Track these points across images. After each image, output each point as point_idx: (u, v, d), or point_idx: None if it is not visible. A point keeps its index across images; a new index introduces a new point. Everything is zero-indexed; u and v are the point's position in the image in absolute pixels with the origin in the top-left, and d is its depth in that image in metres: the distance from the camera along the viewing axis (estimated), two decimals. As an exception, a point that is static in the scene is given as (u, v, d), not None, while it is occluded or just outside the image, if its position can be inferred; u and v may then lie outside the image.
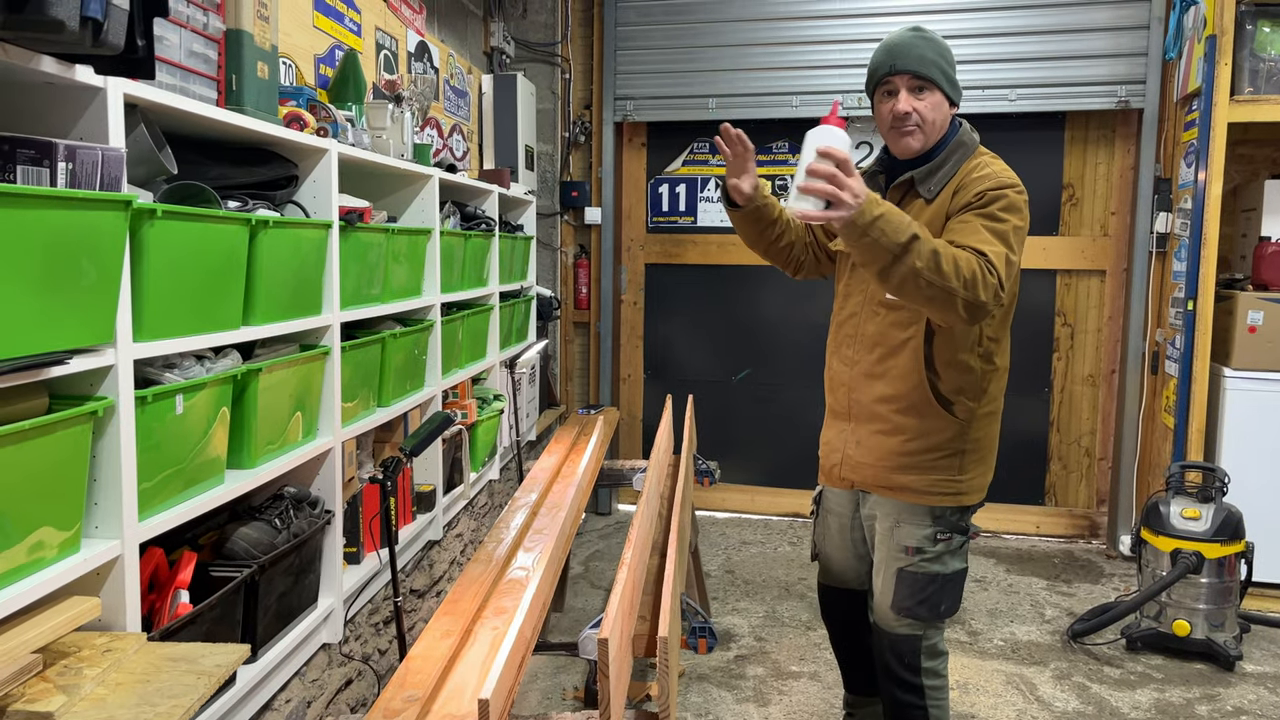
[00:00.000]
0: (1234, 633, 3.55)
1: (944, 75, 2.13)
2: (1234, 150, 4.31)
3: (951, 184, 2.12)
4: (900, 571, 2.23)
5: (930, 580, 2.22)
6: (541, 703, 3.20)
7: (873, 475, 2.27)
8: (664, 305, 5.46)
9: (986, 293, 1.88)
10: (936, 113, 2.13)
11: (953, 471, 2.23)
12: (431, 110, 3.96)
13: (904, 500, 2.24)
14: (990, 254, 1.92)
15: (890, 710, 2.34)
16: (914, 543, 2.23)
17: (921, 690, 2.27)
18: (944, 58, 2.14)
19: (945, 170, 2.15)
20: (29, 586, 1.44)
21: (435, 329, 3.22)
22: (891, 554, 2.25)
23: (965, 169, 2.13)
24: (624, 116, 5.22)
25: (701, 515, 5.08)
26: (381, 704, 1.60)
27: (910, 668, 2.26)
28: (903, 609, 2.24)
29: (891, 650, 2.27)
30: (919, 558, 2.22)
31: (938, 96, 2.13)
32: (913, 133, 2.14)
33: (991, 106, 4.77)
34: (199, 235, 1.83)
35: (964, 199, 2.06)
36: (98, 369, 1.57)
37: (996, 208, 2.01)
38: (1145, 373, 4.70)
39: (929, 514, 2.22)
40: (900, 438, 2.21)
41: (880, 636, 2.31)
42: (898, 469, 2.23)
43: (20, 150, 1.37)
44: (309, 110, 2.45)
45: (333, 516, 2.47)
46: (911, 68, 2.10)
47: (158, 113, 1.78)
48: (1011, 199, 2.04)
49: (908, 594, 2.23)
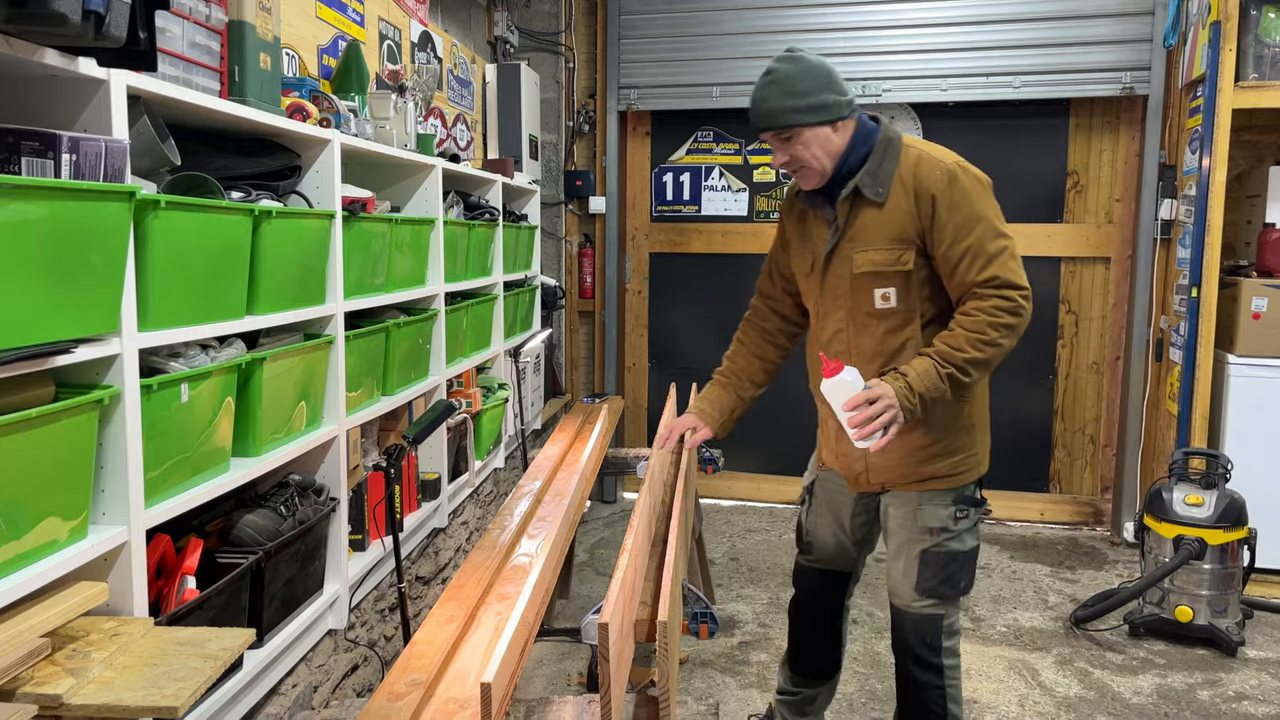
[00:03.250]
0: (1236, 618, 3.56)
1: (806, 112, 2.08)
2: (1238, 136, 4.30)
3: (900, 183, 2.12)
4: (924, 554, 2.25)
5: (952, 559, 2.25)
6: (546, 688, 3.23)
7: (900, 474, 2.26)
8: (668, 294, 5.47)
9: (1023, 313, 2.05)
10: (818, 148, 2.11)
11: (969, 449, 2.26)
12: (435, 100, 3.97)
13: (931, 489, 2.25)
14: (1002, 272, 2.04)
15: (909, 691, 2.36)
16: (938, 523, 2.24)
17: (941, 670, 2.30)
18: (798, 95, 2.07)
19: (885, 169, 2.13)
20: (37, 572, 1.46)
21: (439, 318, 3.24)
22: (913, 538, 2.26)
23: (906, 165, 2.13)
24: (628, 105, 5.22)
25: (706, 503, 5.10)
26: (385, 688, 1.63)
27: (932, 648, 2.28)
28: (926, 589, 2.26)
29: (915, 631, 2.29)
30: (942, 537, 2.24)
31: (809, 133, 2.09)
32: (804, 175, 2.16)
33: (996, 94, 4.77)
34: (203, 226, 1.85)
35: (930, 208, 2.09)
36: (103, 358, 1.59)
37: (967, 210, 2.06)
38: (1149, 360, 4.70)
39: (951, 494, 2.25)
40: (920, 432, 2.20)
41: (902, 619, 2.32)
42: (923, 461, 2.23)
43: (25, 142, 1.39)
44: (312, 101, 2.46)
45: (338, 504, 2.49)
46: (768, 125, 2.11)
47: (160, 104, 1.80)
48: (962, 179, 2.08)
49: (931, 574, 2.25)
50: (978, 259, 2.06)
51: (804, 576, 2.59)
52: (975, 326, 2.03)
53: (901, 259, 2.11)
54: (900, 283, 2.14)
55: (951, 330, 2.08)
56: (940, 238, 2.09)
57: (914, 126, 5.09)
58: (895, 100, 4.93)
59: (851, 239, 2.16)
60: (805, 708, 2.67)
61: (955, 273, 2.10)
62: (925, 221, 2.09)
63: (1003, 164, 5.01)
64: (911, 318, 2.17)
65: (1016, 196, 5.02)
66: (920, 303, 2.16)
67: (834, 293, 2.23)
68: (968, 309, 2.08)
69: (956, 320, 2.09)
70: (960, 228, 2.07)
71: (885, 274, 2.14)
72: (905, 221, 2.11)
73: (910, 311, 2.16)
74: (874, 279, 2.15)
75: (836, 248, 2.19)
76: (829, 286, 2.23)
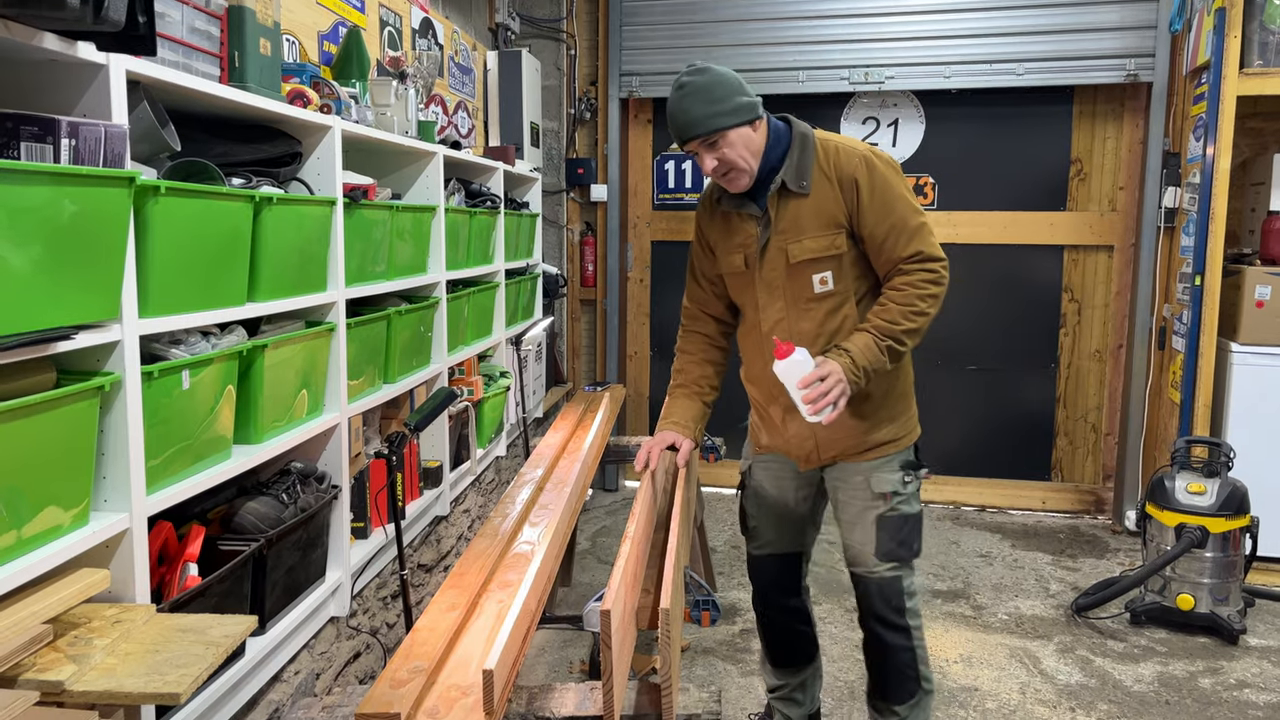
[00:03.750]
0: (1238, 607, 3.56)
1: (727, 116, 2.17)
2: (1243, 124, 4.28)
3: (821, 174, 2.24)
4: (880, 519, 2.36)
5: (905, 521, 2.37)
6: (549, 675, 3.23)
7: (851, 445, 2.37)
8: (670, 282, 5.45)
9: (944, 282, 2.22)
10: (743, 147, 2.20)
11: (906, 412, 2.41)
12: (436, 87, 3.95)
13: (879, 456, 2.36)
14: (924, 246, 2.21)
15: (878, 654, 2.45)
16: (889, 488, 2.36)
17: (908, 631, 2.40)
18: (717, 101, 2.17)
19: (804, 162, 2.24)
20: (39, 559, 1.46)
21: (441, 306, 3.23)
22: (867, 506, 2.37)
23: (825, 156, 2.25)
24: (629, 92, 5.20)
25: (707, 491, 5.10)
26: (388, 674, 1.62)
27: (897, 609, 2.39)
28: (885, 553, 2.37)
29: (880, 595, 2.39)
30: (895, 501, 2.36)
31: (733, 134, 2.18)
32: (734, 177, 2.23)
33: (999, 81, 4.75)
34: (203, 212, 1.84)
35: (854, 193, 2.21)
36: (104, 344, 1.58)
37: (887, 192, 2.21)
38: (1152, 348, 4.69)
39: (898, 459, 2.37)
40: (865, 404, 2.31)
41: (866, 585, 2.41)
42: (870, 430, 2.35)
43: (24, 127, 1.39)
44: (312, 87, 2.45)
45: (339, 491, 2.49)
46: (695, 133, 2.18)
47: (160, 89, 1.79)
48: (877, 164, 2.23)
49: (889, 538, 2.36)
50: (901, 236, 2.21)
51: (759, 566, 2.65)
52: (905, 300, 2.19)
53: (835, 243, 2.24)
54: (835, 266, 2.26)
55: (883, 305, 2.22)
56: (866, 219, 2.22)
57: (917, 114, 5.07)
58: (898, 87, 4.91)
59: (782, 231, 2.26)
60: (797, 696, 2.71)
61: (882, 250, 2.24)
62: (851, 206, 2.23)
63: (1006, 151, 5.00)
64: (847, 297, 2.29)
65: (1019, 184, 5.01)
66: (853, 281, 2.29)
67: (771, 284, 2.32)
68: (896, 284, 2.22)
69: (887, 295, 2.23)
70: (883, 208, 2.21)
71: (821, 259, 2.25)
72: (833, 208, 2.23)
73: (845, 291, 2.28)
74: (811, 265, 2.26)
75: (769, 242, 2.28)
76: (765, 279, 2.32)
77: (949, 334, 4.96)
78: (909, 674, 2.42)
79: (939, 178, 5.10)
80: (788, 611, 2.64)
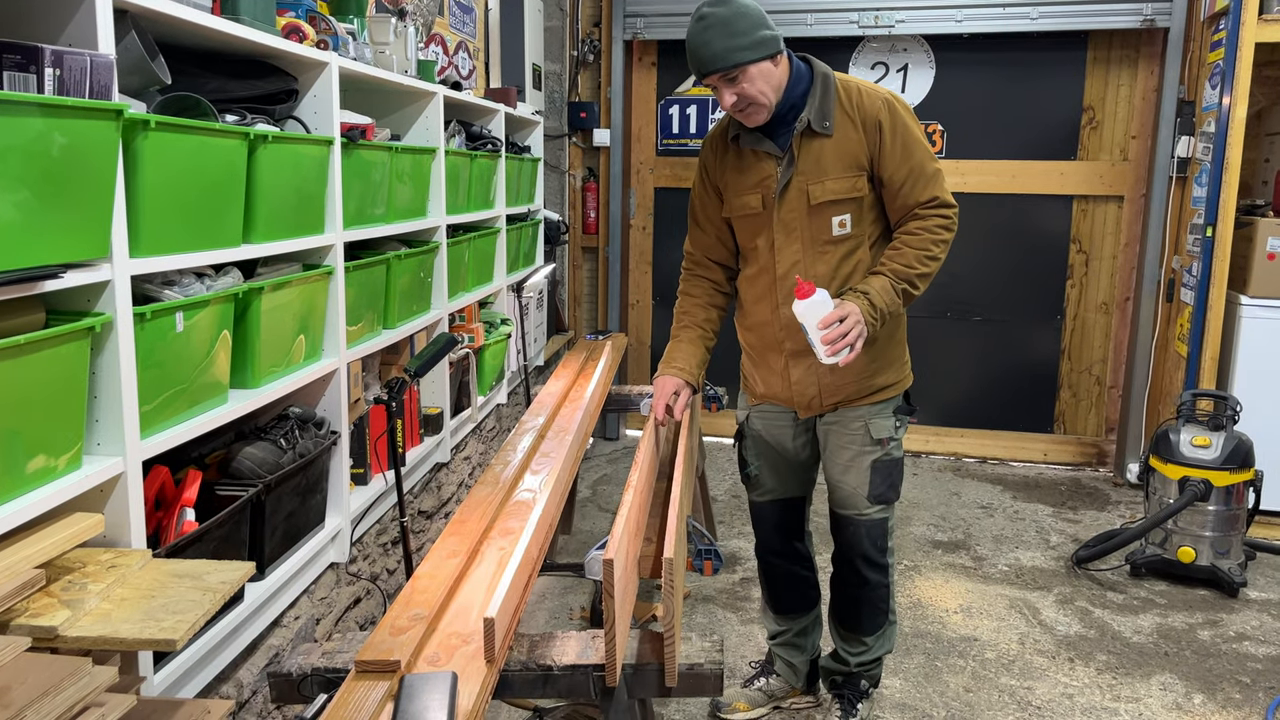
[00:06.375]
0: (1239, 560, 3.56)
1: (748, 49, 2.11)
2: (1260, 72, 4.19)
3: (844, 115, 2.22)
4: (874, 463, 2.41)
5: (894, 465, 2.44)
6: (549, 622, 3.24)
7: (855, 390, 2.39)
8: (673, 230, 5.39)
9: (954, 228, 2.26)
10: (763, 83, 2.15)
11: (902, 357, 2.45)
12: (436, 26, 3.85)
13: (879, 401, 2.39)
14: (940, 192, 2.24)
15: (857, 591, 2.53)
16: (885, 434, 2.40)
17: (887, 569, 2.52)
18: (739, 34, 2.10)
19: (827, 103, 2.23)
20: (30, 502, 1.43)
21: (441, 251, 3.18)
22: (864, 451, 2.41)
23: (847, 98, 2.24)
24: (634, 34, 5.09)
25: (709, 441, 5.08)
26: (388, 621, 1.61)
27: (880, 549, 2.48)
28: (877, 496, 2.43)
29: (868, 536, 2.47)
30: (890, 446, 2.42)
31: (754, 69, 2.13)
32: (752, 112, 2.19)
33: (1011, 25, 4.64)
34: (196, 149, 1.78)
35: (877, 135, 2.22)
36: (94, 284, 1.54)
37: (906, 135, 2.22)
38: (1160, 300, 4.65)
39: (891, 404, 2.42)
40: (869, 349, 2.29)
41: (855, 527, 2.47)
42: (874, 374, 2.38)
43: (6, 56, 1.33)
44: (308, 22, 2.37)
45: (339, 437, 2.46)
46: (715, 67, 2.12)
47: (149, 19, 1.72)
48: (898, 107, 2.23)
49: (881, 481, 2.42)
50: (920, 181, 2.23)
51: (761, 513, 2.66)
52: (920, 244, 2.21)
53: (857, 185, 2.23)
54: (855, 208, 2.26)
55: (898, 249, 2.24)
56: (886, 163, 2.23)
57: (927, 60, 4.97)
58: (908, 31, 4.80)
59: (804, 172, 2.25)
60: (800, 642, 2.74)
61: (899, 195, 2.25)
62: (874, 149, 2.23)
63: (1017, 99, 4.91)
64: (862, 241, 2.29)
65: (1029, 132, 4.92)
66: (869, 225, 2.29)
67: (789, 226, 2.30)
68: (911, 228, 2.24)
69: (901, 239, 2.25)
70: (904, 151, 2.22)
71: (842, 201, 2.24)
72: (856, 150, 2.23)
73: (861, 235, 2.29)
74: (832, 207, 2.25)
75: (791, 182, 2.26)
76: (784, 220, 2.30)
77: (954, 285, 4.91)
78: (881, 608, 2.54)
79: (948, 125, 5.01)
80: (791, 556, 2.66)
